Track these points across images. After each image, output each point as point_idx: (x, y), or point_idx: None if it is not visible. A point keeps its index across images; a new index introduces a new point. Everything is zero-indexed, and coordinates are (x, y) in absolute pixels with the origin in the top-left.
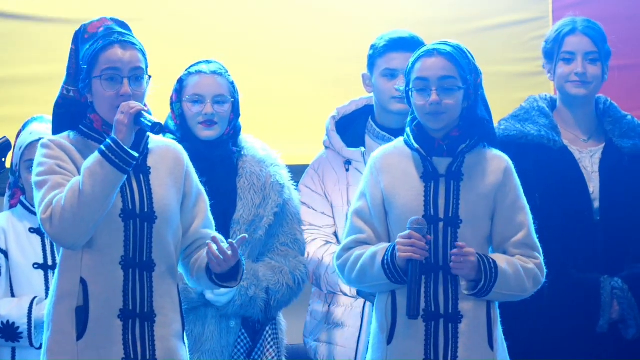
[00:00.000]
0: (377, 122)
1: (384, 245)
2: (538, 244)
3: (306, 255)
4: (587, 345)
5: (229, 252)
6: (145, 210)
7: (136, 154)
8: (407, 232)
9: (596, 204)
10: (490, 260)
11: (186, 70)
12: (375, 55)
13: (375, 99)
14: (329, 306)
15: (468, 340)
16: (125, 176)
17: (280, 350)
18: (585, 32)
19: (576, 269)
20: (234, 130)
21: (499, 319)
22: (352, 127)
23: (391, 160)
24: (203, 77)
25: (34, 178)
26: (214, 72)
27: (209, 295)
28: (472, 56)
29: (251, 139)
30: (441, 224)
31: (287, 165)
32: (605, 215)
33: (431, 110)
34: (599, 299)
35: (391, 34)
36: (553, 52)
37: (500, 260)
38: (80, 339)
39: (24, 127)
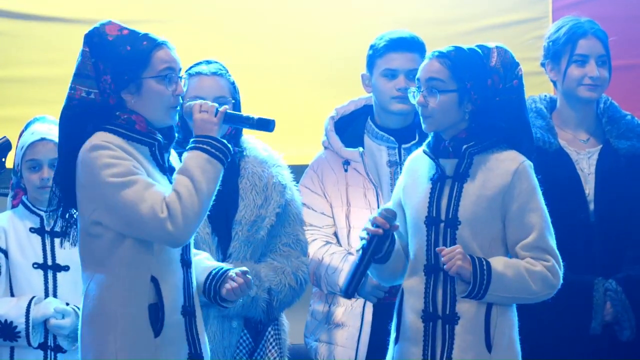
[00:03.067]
0: (376, 122)
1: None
2: (553, 247)
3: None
4: (581, 346)
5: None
6: None
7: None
8: (372, 216)
9: (592, 206)
10: (484, 262)
11: (186, 72)
12: (375, 55)
13: (374, 99)
14: (329, 306)
15: (463, 341)
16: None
17: (282, 351)
18: (596, 35)
19: (572, 271)
20: (235, 130)
21: (510, 322)
22: (350, 127)
23: (415, 164)
24: (204, 79)
25: (111, 179)
26: (214, 73)
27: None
28: (485, 59)
29: (253, 140)
30: (442, 225)
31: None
32: (600, 217)
33: (421, 112)
34: (591, 301)
35: (391, 34)
36: (562, 53)
37: (498, 262)
38: (158, 336)
39: (26, 127)
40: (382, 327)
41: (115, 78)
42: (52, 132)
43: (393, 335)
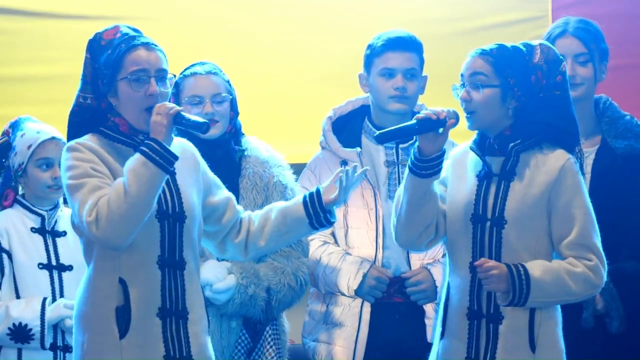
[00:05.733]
0: (374, 122)
1: None
2: (597, 245)
3: None
4: (575, 341)
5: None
6: (177, 210)
7: (177, 154)
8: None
9: None
10: (521, 272)
11: (181, 74)
12: (373, 54)
13: (372, 98)
14: (327, 306)
15: (507, 341)
16: (168, 176)
17: (281, 352)
18: (575, 34)
19: None
20: (235, 128)
21: (554, 320)
22: (348, 128)
23: (459, 159)
24: (199, 78)
25: (67, 182)
26: (209, 72)
27: (207, 292)
28: (528, 56)
29: (255, 141)
30: (488, 224)
31: None
32: None
33: (465, 108)
34: None
35: (389, 33)
36: None
37: (535, 269)
38: (123, 337)
39: (14, 127)
40: (380, 326)
41: (103, 82)
42: (58, 132)
43: (439, 330)
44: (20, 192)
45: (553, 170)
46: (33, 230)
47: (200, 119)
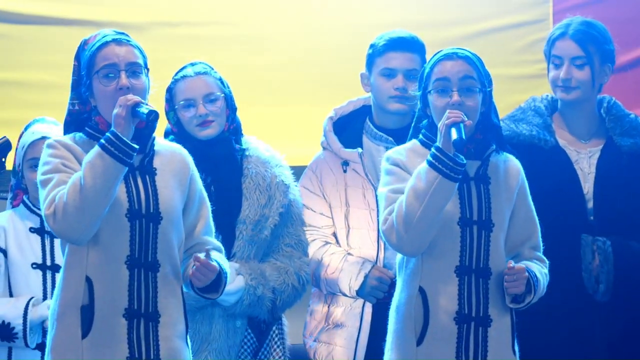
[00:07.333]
0: (375, 122)
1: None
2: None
3: None
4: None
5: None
6: (151, 210)
7: (136, 146)
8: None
9: (590, 204)
10: (532, 274)
11: (173, 78)
12: (375, 54)
13: (373, 98)
14: (328, 306)
15: (496, 344)
16: (126, 168)
17: (285, 351)
18: (573, 37)
19: (568, 267)
20: (234, 124)
21: None
22: (349, 128)
23: (414, 160)
24: (189, 81)
25: (39, 177)
26: (198, 73)
27: None
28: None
29: (255, 141)
30: (475, 227)
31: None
32: (599, 215)
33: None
34: (578, 250)
35: (391, 33)
36: (547, 55)
37: (536, 271)
38: (85, 337)
39: (25, 129)
40: (381, 327)
41: (83, 84)
42: (52, 131)
43: (410, 335)
44: None
45: (516, 173)
46: (32, 230)
47: (150, 108)
